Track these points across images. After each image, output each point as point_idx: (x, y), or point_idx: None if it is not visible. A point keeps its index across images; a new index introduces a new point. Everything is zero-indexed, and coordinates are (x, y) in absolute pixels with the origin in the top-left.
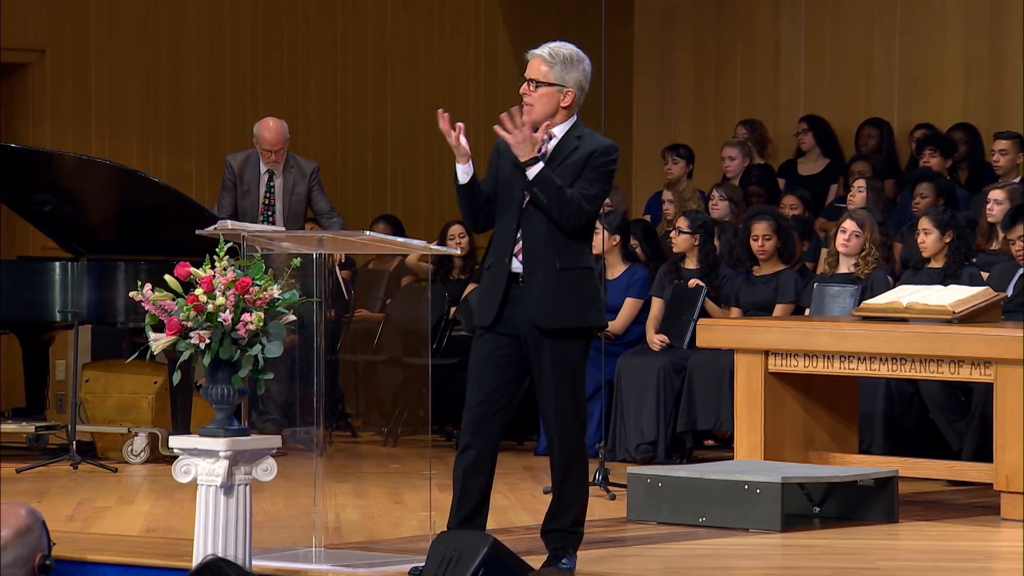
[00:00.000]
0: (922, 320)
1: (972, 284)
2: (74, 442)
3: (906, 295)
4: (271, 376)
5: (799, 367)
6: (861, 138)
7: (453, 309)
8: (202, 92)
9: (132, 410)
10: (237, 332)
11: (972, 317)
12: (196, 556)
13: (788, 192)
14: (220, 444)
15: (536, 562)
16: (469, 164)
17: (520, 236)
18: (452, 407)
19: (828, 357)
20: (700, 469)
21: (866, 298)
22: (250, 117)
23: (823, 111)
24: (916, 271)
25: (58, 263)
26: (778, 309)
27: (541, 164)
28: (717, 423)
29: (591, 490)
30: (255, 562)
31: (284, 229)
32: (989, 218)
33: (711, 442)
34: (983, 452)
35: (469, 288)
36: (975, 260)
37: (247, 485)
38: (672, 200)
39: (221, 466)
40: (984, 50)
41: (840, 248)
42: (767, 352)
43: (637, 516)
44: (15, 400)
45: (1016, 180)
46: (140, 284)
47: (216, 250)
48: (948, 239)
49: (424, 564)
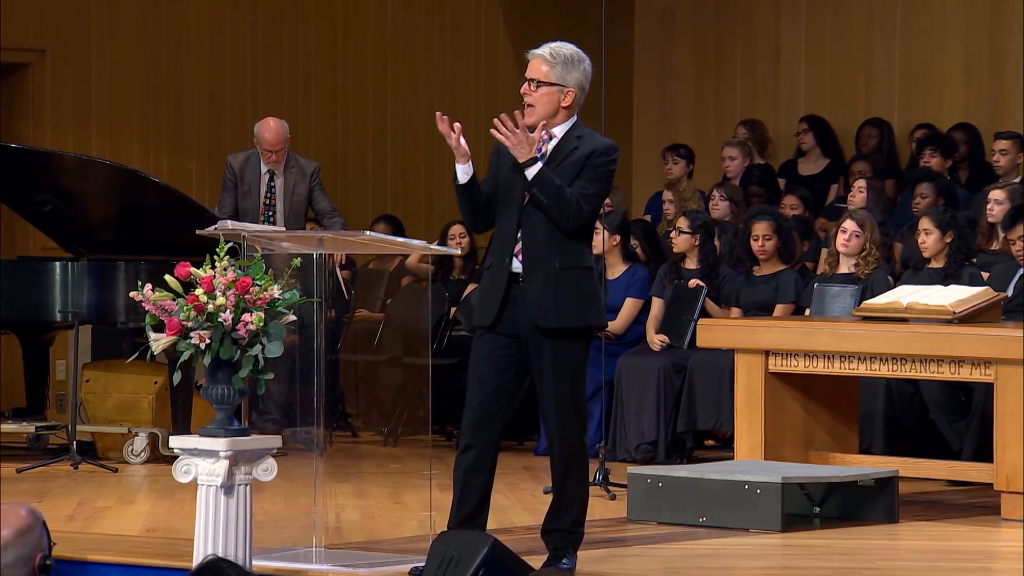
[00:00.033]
0: (922, 320)
1: (972, 284)
2: (74, 442)
3: (906, 295)
4: (271, 376)
5: (799, 367)
6: (861, 138)
7: (453, 309)
8: (202, 92)
9: (132, 410)
10: (237, 332)
11: (972, 317)
12: (196, 556)
13: (788, 192)
14: (220, 444)
15: (536, 562)
16: (469, 164)
17: (520, 236)
18: (452, 407)
19: (828, 357)
20: (700, 469)
21: (866, 298)
22: (250, 117)
23: (823, 111)
24: (916, 271)
25: (58, 263)
26: (778, 309)
27: (540, 164)
28: (717, 423)
29: (591, 490)
30: (255, 562)
31: (284, 229)
32: (989, 218)
33: (711, 442)
34: (983, 452)
35: (469, 288)
36: (975, 260)
37: (247, 485)
38: (672, 200)
39: (221, 466)
40: (984, 50)
41: (840, 248)
42: (767, 352)
43: (637, 516)
44: (15, 400)
45: (1016, 180)
46: (140, 284)
47: (216, 250)
48: (949, 239)
49: (424, 564)
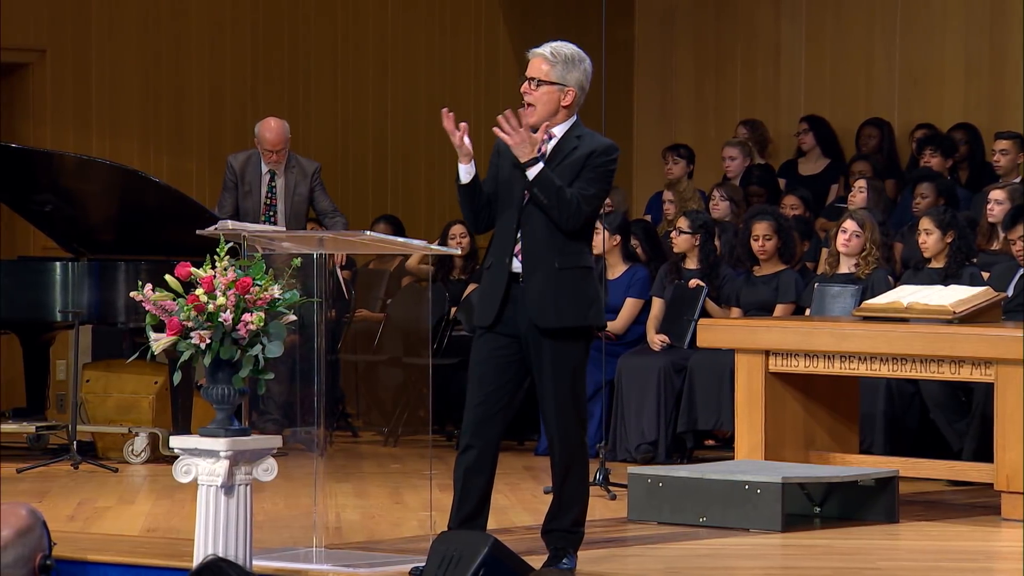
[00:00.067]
0: (923, 320)
1: (973, 284)
2: (75, 442)
3: (907, 295)
4: (272, 376)
5: (800, 367)
6: (862, 138)
7: (454, 309)
8: (203, 92)
9: (133, 410)
10: (238, 332)
11: (973, 317)
12: (197, 556)
13: (789, 192)
14: (221, 444)
15: (537, 562)
16: (471, 164)
17: (520, 236)
18: (453, 407)
19: (829, 357)
20: (701, 469)
21: (867, 298)
22: (251, 117)
23: (824, 111)
24: (917, 271)
25: (59, 263)
26: (779, 309)
27: (541, 164)
28: (718, 423)
29: (592, 490)
30: (255, 562)
31: (285, 229)
32: (990, 218)
33: (712, 442)
34: (983, 452)
35: (470, 288)
36: (976, 260)
37: (248, 485)
38: (673, 200)
39: (222, 466)
40: (985, 50)
41: (841, 248)
42: (768, 352)
43: (638, 516)
44: (16, 400)
45: (1016, 180)
46: (141, 284)
47: (217, 250)
48: (949, 239)
49: (425, 564)
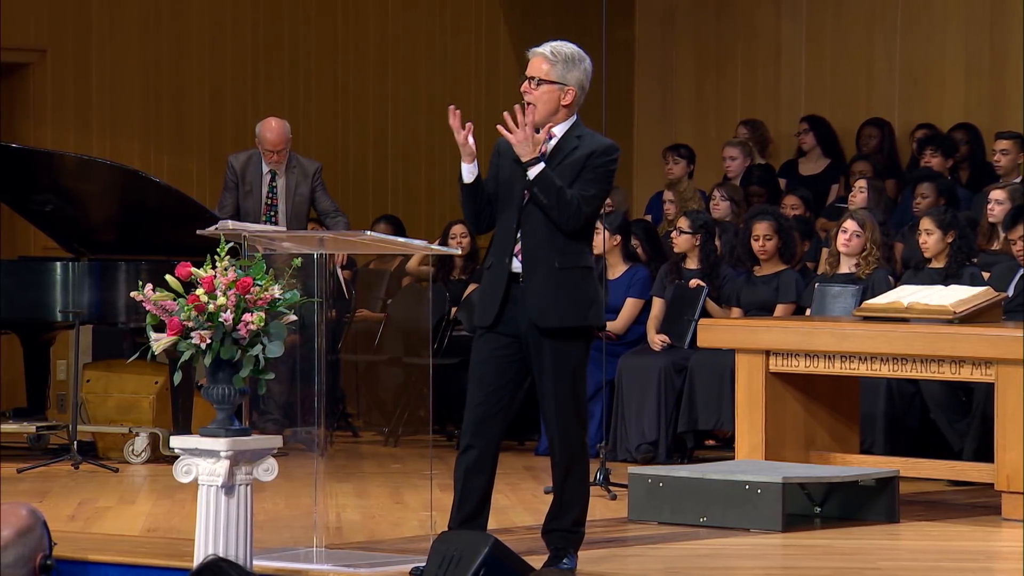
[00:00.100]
0: (923, 320)
1: (973, 284)
2: (75, 442)
3: (907, 295)
4: (272, 376)
5: (800, 367)
6: (862, 138)
7: (454, 309)
8: (203, 92)
9: (133, 410)
10: (238, 332)
11: (973, 317)
12: (197, 556)
13: (789, 192)
14: (221, 444)
15: (537, 562)
16: (474, 164)
17: (520, 236)
18: (453, 407)
19: (829, 357)
20: (701, 469)
21: (867, 298)
22: (251, 117)
23: (824, 111)
24: (917, 271)
25: (59, 263)
26: (779, 309)
27: (542, 164)
28: (718, 423)
29: (592, 490)
30: (256, 562)
31: (285, 229)
32: (990, 218)
33: (712, 442)
34: (984, 452)
35: (470, 288)
36: (976, 260)
37: (248, 485)
38: (673, 200)
39: (222, 466)
40: (985, 50)
41: (841, 248)
42: (768, 352)
43: (638, 516)
44: (16, 400)
45: (1017, 180)
46: (141, 284)
47: (217, 250)
48: (950, 239)
49: (425, 564)
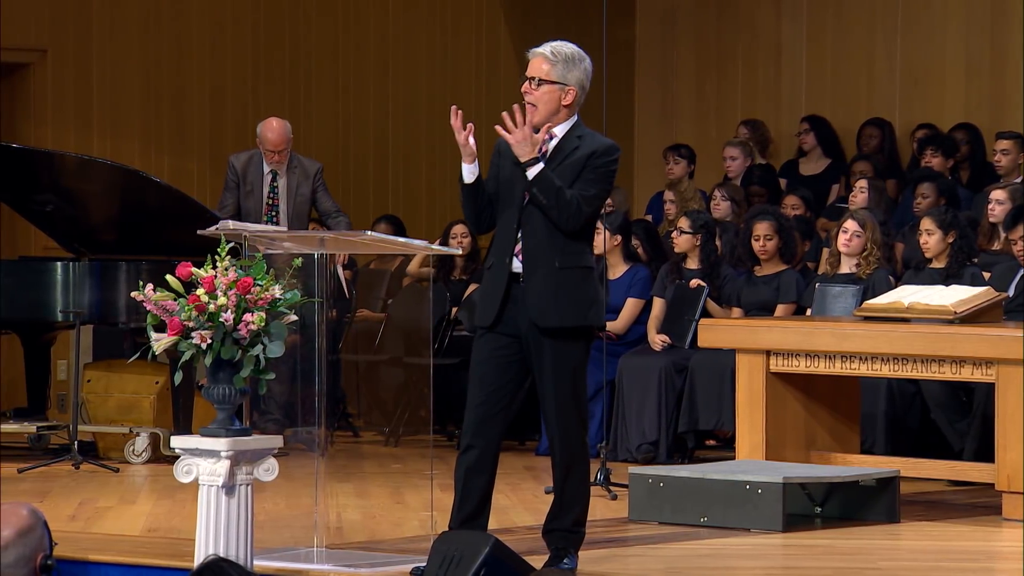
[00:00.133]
0: (924, 320)
1: (974, 284)
2: (76, 442)
3: (908, 295)
4: (273, 376)
5: (801, 367)
6: (863, 138)
7: (455, 309)
8: (204, 92)
9: (133, 410)
10: (239, 332)
11: (974, 317)
12: (198, 556)
13: (790, 192)
14: (222, 444)
15: (537, 562)
16: (475, 164)
17: (520, 236)
18: (454, 407)
19: (830, 357)
20: (702, 469)
21: (868, 298)
22: (252, 117)
23: (825, 111)
24: (918, 271)
25: (60, 263)
26: (780, 309)
27: (541, 164)
28: (719, 423)
29: (593, 490)
30: (256, 562)
31: (286, 229)
32: (991, 218)
33: (713, 442)
34: (984, 452)
35: (471, 288)
36: (977, 260)
37: (249, 485)
38: (674, 200)
39: (223, 466)
40: (985, 50)
41: (842, 248)
42: (769, 352)
43: (638, 516)
44: (17, 400)
45: (1018, 180)
46: (142, 284)
47: (218, 250)
48: (951, 239)
49: (426, 564)
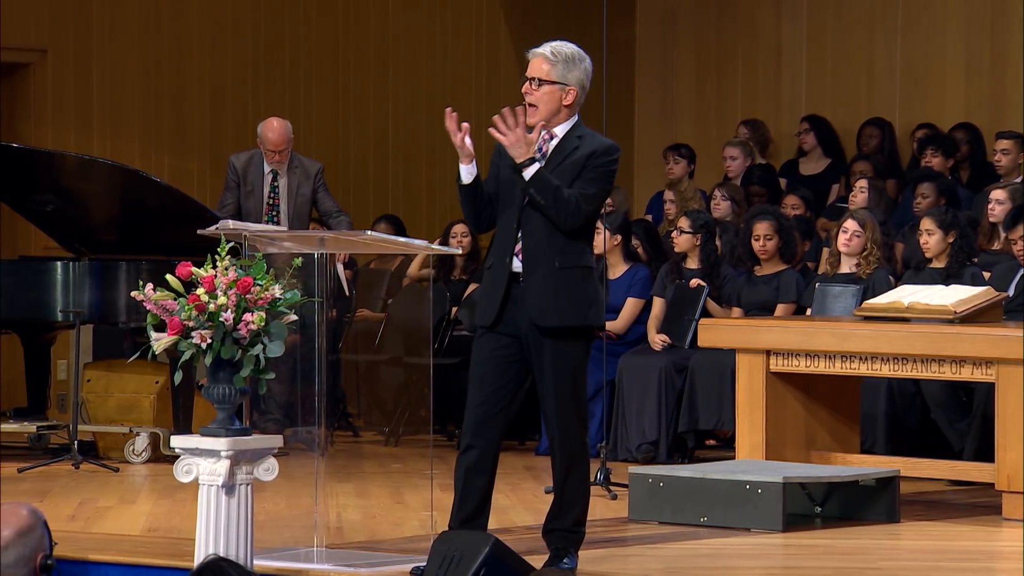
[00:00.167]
0: (924, 320)
1: (974, 284)
2: (76, 442)
3: (908, 295)
4: (273, 376)
5: (801, 367)
6: (863, 138)
7: (455, 309)
8: (204, 92)
9: (134, 410)
10: (239, 332)
11: (974, 317)
12: (198, 556)
13: (790, 192)
14: (222, 444)
15: (537, 562)
16: (472, 165)
17: (520, 236)
18: (454, 407)
19: (830, 357)
20: (702, 469)
21: (868, 298)
22: (252, 117)
23: (825, 111)
24: (918, 271)
25: (60, 263)
26: (780, 309)
27: (538, 165)
28: (719, 423)
29: (592, 490)
30: (256, 562)
31: (286, 229)
32: (991, 218)
33: (713, 442)
34: (985, 452)
35: (471, 288)
36: (977, 260)
37: (249, 485)
38: (674, 200)
39: (223, 466)
40: (986, 50)
41: (842, 248)
42: (769, 352)
43: (638, 516)
44: (17, 400)
45: (1018, 180)
46: (142, 284)
47: (218, 250)
48: (951, 239)
49: (426, 564)
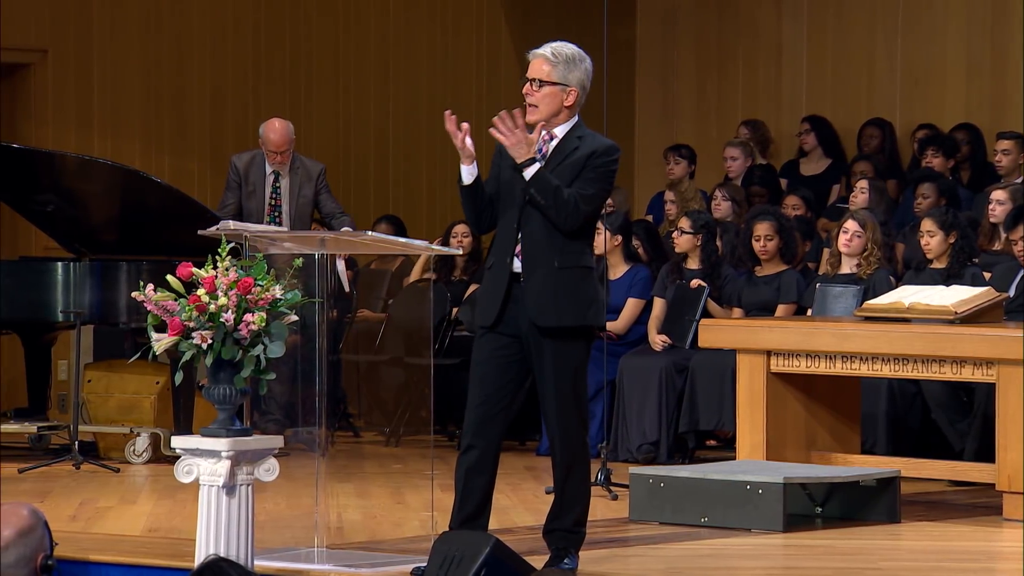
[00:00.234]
0: (924, 320)
1: (974, 284)
2: (76, 442)
3: (908, 295)
4: (273, 376)
5: (801, 367)
6: (863, 138)
7: (455, 309)
8: (204, 92)
9: (134, 410)
10: (239, 332)
11: (974, 317)
12: (198, 556)
13: (790, 192)
14: (222, 444)
15: (538, 562)
16: (473, 165)
17: (520, 236)
18: (454, 407)
19: (830, 357)
20: (702, 469)
21: (868, 298)
22: (252, 117)
23: (825, 111)
24: (918, 271)
25: (60, 263)
26: (780, 309)
27: (538, 165)
28: (719, 423)
29: (593, 490)
30: (257, 562)
31: (287, 229)
32: (991, 218)
33: (713, 442)
34: (985, 452)
35: (472, 288)
36: (977, 260)
37: (249, 485)
38: (674, 200)
39: (223, 466)
40: (986, 50)
41: (842, 248)
42: (769, 352)
43: (639, 516)
44: (17, 400)
45: (1018, 180)
46: (142, 284)
47: (218, 250)
48: (952, 240)
49: (426, 564)
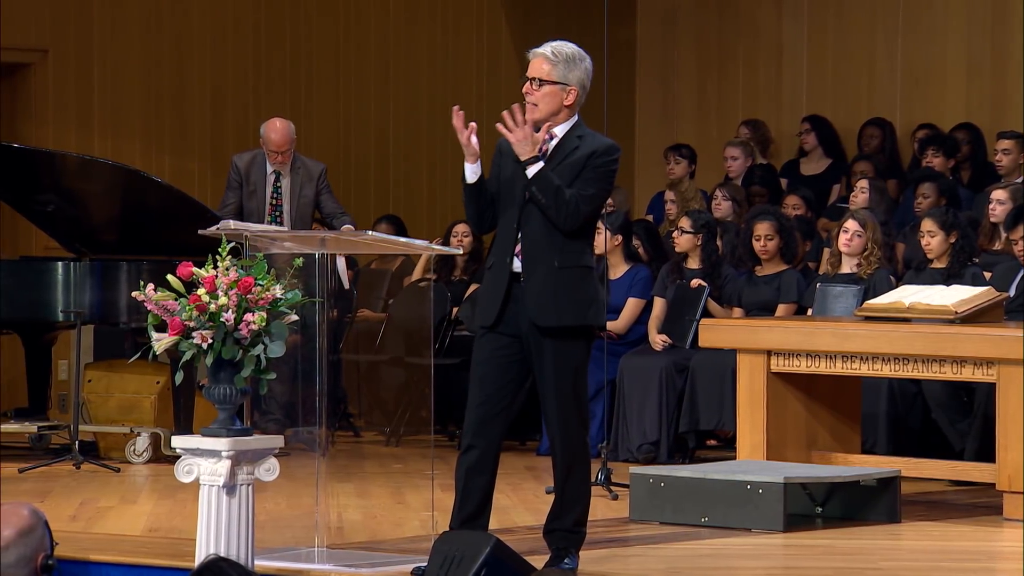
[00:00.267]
0: (925, 320)
1: (975, 284)
2: (76, 442)
3: (909, 295)
4: (273, 376)
5: (802, 367)
6: (863, 138)
7: (455, 309)
8: (205, 92)
9: (134, 410)
10: (239, 332)
11: (975, 317)
12: (198, 556)
13: (791, 192)
14: (222, 444)
15: (538, 562)
16: (477, 164)
17: (520, 236)
18: (455, 407)
19: (831, 357)
20: (702, 469)
21: (869, 298)
22: (253, 117)
23: (826, 111)
24: (919, 271)
25: (61, 263)
26: (780, 309)
27: (541, 163)
28: (719, 423)
29: (593, 490)
30: (257, 562)
31: (288, 229)
32: (992, 218)
33: (713, 442)
34: (985, 452)
35: (472, 288)
36: (978, 260)
37: (249, 485)
38: (674, 200)
39: (223, 466)
40: (986, 50)
41: (842, 248)
42: (769, 352)
43: (639, 516)
44: (18, 400)
45: (1019, 180)
46: (142, 284)
47: (219, 250)
48: (952, 240)
49: (426, 564)
